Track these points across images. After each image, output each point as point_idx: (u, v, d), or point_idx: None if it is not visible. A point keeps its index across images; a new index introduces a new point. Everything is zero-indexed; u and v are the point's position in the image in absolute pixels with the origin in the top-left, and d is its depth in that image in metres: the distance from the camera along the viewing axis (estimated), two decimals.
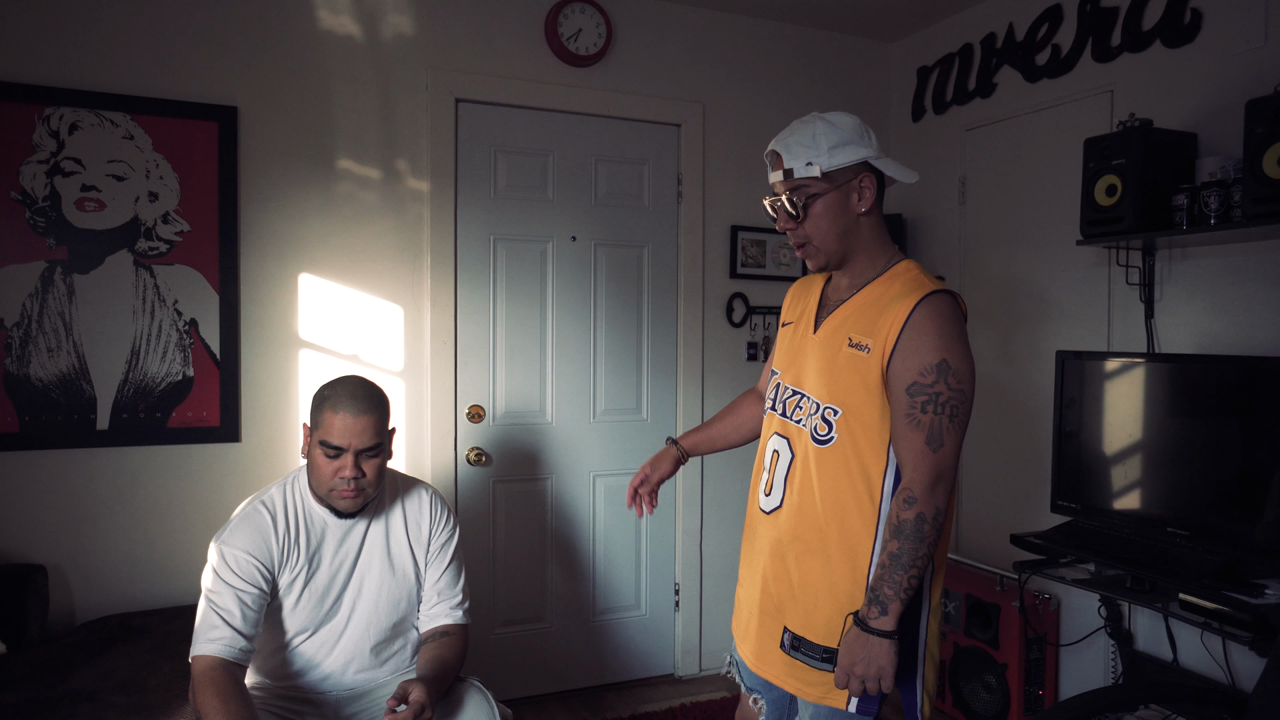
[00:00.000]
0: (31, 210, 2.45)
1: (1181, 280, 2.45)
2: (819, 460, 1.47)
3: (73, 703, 1.90)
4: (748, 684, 1.68)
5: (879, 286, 1.48)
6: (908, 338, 1.38)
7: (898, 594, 1.35)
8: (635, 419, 3.19)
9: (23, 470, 2.46)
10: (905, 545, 1.35)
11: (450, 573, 1.91)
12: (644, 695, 3.12)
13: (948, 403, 1.37)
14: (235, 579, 1.67)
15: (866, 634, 1.37)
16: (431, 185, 2.86)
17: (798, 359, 1.56)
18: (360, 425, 1.69)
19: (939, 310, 1.39)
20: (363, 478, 1.71)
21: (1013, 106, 3.01)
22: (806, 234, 1.48)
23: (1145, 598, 2.14)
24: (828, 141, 1.43)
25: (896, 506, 1.38)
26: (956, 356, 1.38)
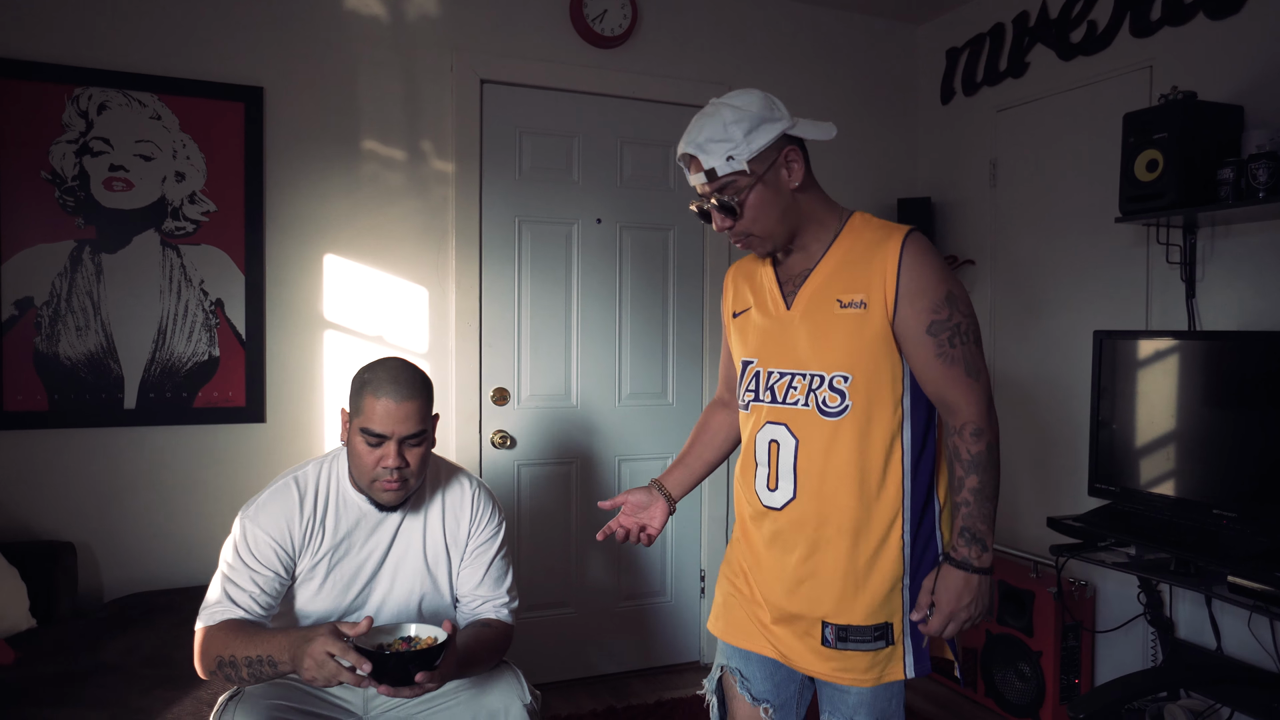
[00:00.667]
0: (61, 190, 2.46)
1: (1224, 258, 2.39)
2: (833, 434, 1.40)
3: (101, 675, 1.89)
4: (756, 694, 1.55)
5: (844, 243, 1.43)
6: (908, 280, 1.35)
7: (990, 527, 1.35)
8: (661, 403, 3.16)
9: (51, 448, 2.46)
10: (986, 477, 1.34)
11: (494, 573, 1.79)
12: (669, 682, 3.08)
13: (969, 330, 1.36)
14: (253, 560, 1.62)
15: (973, 574, 1.34)
16: (456, 167, 2.84)
17: (774, 341, 1.48)
18: (404, 412, 1.59)
19: (924, 245, 1.38)
20: (406, 467, 1.61)
21: (1046, 86, 2.95)
22: (747, 228, 1.41)
23: (1191, 581, 2.08)
24: (741, 129, 1.35)
25: (963, 442, 1.35)
26: (956, 284, 1.38)
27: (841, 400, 1.39)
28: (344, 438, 1.68)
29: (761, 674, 1.55)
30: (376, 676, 1.40)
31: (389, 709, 1.75)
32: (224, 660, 1.52)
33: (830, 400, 1.40)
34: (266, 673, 1.49)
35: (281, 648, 1.47)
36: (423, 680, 1.41)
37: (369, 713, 1.77)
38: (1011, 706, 2.75)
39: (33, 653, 2.01)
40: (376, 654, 1.40)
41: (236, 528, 1.66)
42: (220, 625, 1.56)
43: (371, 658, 1.39)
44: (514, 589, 1.85)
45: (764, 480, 1.48)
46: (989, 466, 1.35)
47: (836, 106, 3.39)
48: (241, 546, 1.63)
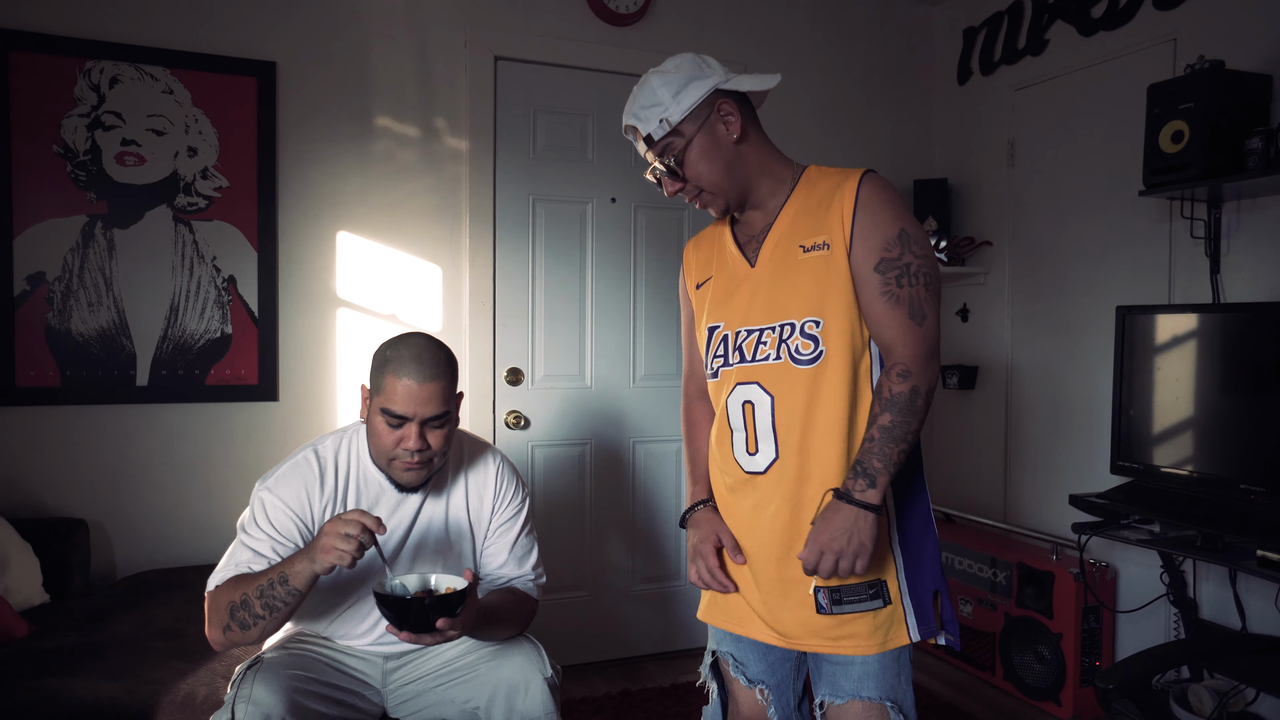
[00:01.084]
0: (73, 164, 2.44)
1: (1250, 232, 2.35)
2: (810, 384, 1.35)
3: (115, 647, 1.87)
4: (750, 677, 1.51)
5: (801, 193, 1.41)
6: (863, 217, 1.33)
7: (887, 467, 1.28)
8: (675, 384, 3.13)
9: (63, 425, 2.44)
10: (898, 418, 1.29)
11: (518, 551, 1.76)
12: (684, 666, 3.06)
13: (919, 271, 1.32)
14: (271, 529, 1.59)
15: (851, 506, 1.27)
16: (470, 144, 2.82)
17: (739, 300, 1.44)
18: (426, 393, 1.53)
19: (882, 184, 1.36)
20: (427, 449, 1.56)
21: (1066, 63, 2.91)
22: (694, 185, 1.41)
23: (1218, 557, 2.04)
24: (669, 91, 1.37)
25: (887, 380, 1.31)
26: (912, 225, 1.35)
27: (815, 346, 1.35)
28: (364, 414, 1.64)
29: (755, 656, 1.51)
30: (398, 624, 1.39)
31: (408, 681, 1.73)
32: (235, 604, 1.48)
33: (803, 348, 1.36)
34: (279, 595, 1.46)
35: (291, 561, 1.46)
36: (444, 626, 1.40)
37: (387, 685, 1.74)
38: (1031, 689, 2.72)
39: (47, 626, 1.99)
40: (398, 600, 1.39)
41: (254, 499, 1.62)
42: (227, 581, 1.54)
43: (393, 605, 1.38)
44: (540, 565, 1.81)
45: (742, 445, 1.42)
46: (906, 410, 1.29)
47: (852, 87, 3.36)
48: (260, 516, 1.60)
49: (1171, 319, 2.31)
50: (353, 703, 1.67)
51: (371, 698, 1.72)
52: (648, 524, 3.13)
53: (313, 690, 1.58)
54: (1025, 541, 2.90)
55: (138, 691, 1.69)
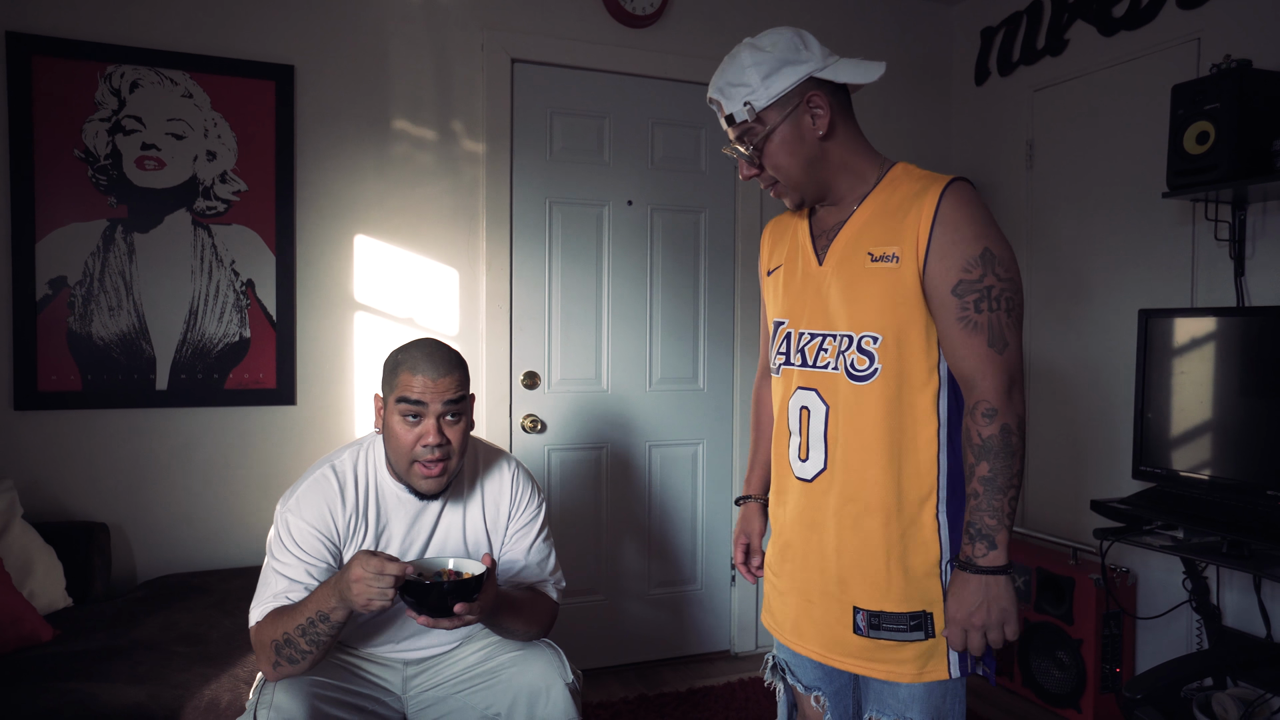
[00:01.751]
0: (94, 168, 2.45)
1: (1276, 234, 2.32)
2: (862, 400, 1.29)
3: (138, 651, 1.88)
4: (806, 684, 1.48)
5: (881, 195, 1.32)
6: (941, 233, 1.23)
7: (1001, 521, 1.20)
8: (692, 388, 3.13)
9: (85, 429, 2.46)
10: (997, 464, 1.21)
11: (535, 556, 1.76)
12: (700, 671, 3.05)
13: (1000, 295, 1.22)
14: (300, 551, 1.57)
15: (978, 575, 1.20)
16: (487, 147, 2.82)
17: (805, 299, 1.38)
18: (441, 385, 1.55)
19: (967, 197, 1.25)
20: (446, 444, 1.56)
21: (1086, 63, 2.89)
22: (771, 175, 1.34)
23: (1244, 564, 2.02)
24: (759, 72, 1.27)
25: (974, 424, 1.23)
26: (998, 243, 1.24)
27: (870, 363, 1.29)
28: (378, 425, 1.64)
29: (810, 663, 1.48)
30: (417, 608, 1.40)
31: (429, 687, 1.73)
32: (279, 643, 1.48)
33: (859, 363, 1.30)
34: (322, 630, 1.46)
35: (325, 596, 1.45)
36: (461, 611, 1.41)
37: (408, 690, 1.75)
38: (1050, 696, 2.70)
39: (70, 630, 2.00)
40: (417, 584, 1.39)
41: (279, 521, 1.60)
42: (267, 616, 1.53)
43: (412, 589, 1.39)
44: (558, 570, 1.81)
45: (796, 450, 1.39)
46: (1001, 453, 1.21)
47: (869, 88, 3.31)
48: (288, 539, 1.58)
49: (1194, 322, 2.29)
50: (374, 709, 1.67)
51: (392, 704, 1.72)
52: (664, 528, 3.12)
53: (334, 696, 1.58)
54: (1044, 546, 2.88)
55: (162, 696, 1.70)
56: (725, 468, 3.18)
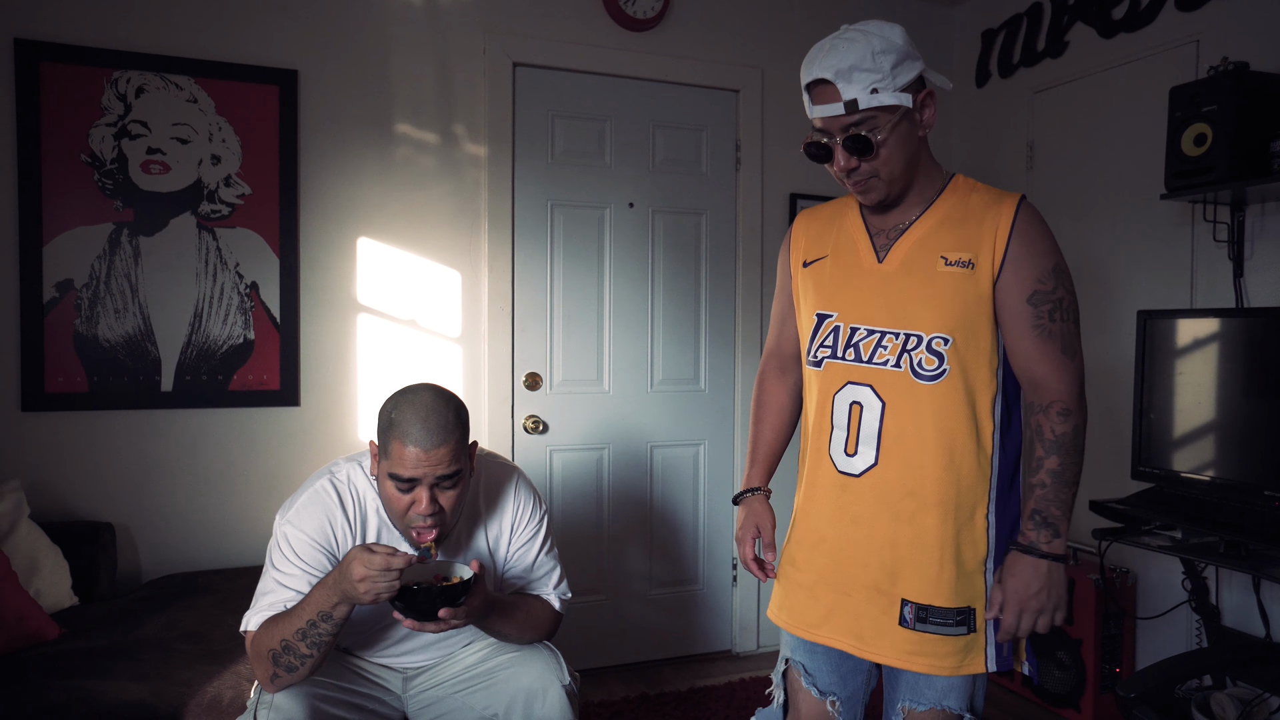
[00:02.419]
0: (100, 172, 2.48)
1: (1274, 235, 2.33)
2: (927, 399, 1.31)
3: (142, 650, 1.90)
4: (822, 688, 1.47)
5: (949, 200, 1.36)
6: (1018, 245, 1.29)
7: (1066, 513, 1.27)
8: (693, 389, 3.14)
9: (91, 430, 2.48)
10: (1068, 460, 1.28)
11: (539, 570, 1.75)
12: (701, 670, 3.06)
13: (1070, 308, 1.31)
14: (301, 562, 1.56)
15: (1042, 560, 1.25)
16: (489, 150, 2.84)
17: (860, 295, 1.38)
18: (434, 458, 1.47)
19: (1039, 215, 1.33)
20: (440, 511, 1.51)
21: (1086, 65, 2.89)
22: (877, 169, 1.31)
23: (1242, 564, 2.03)
24: (889, 60, 1.26)
25: (1049, 421, 1.29)
26: (1063, 259, 1.33)
27: (939, 364, 1.31)
28: (374, 471, 1.58)
29: (827, 666, 1.48)
30: (404, 611, 1.41)
31: (428, 688, 1.75)
32: (277, 651, 1.46)
33: (927, 363, 1.32)
34: (324, 630, 1.44)
35: (325, 597, 1.43)
36: (446, 616, 1.41)
37: (407, 690, 1.76)
38: (1050, 696, 2.70)
39: (76, 628, 2.02)
40: (404, 588, 1.40)
41: (278, 533, 1.59)
42: (263, 625, 1.51)
43: (399, 593, 1.40)
44: (564, 582, 1.80)
45: (841, 444, 1.39)
46: (1073, 450, 1.28)
47: None
48: (288, 550, 1.57)
49: (1193, 323, 2.29)
50: (374, 709, 1.68)
51: (392, 703, 1.73)
52: (666, 528, 3.13)
53: (334, 696, 1.60)
54: None
55: (165, 694, 1.72)
56: (727, 468, 3.19)
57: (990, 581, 1.34)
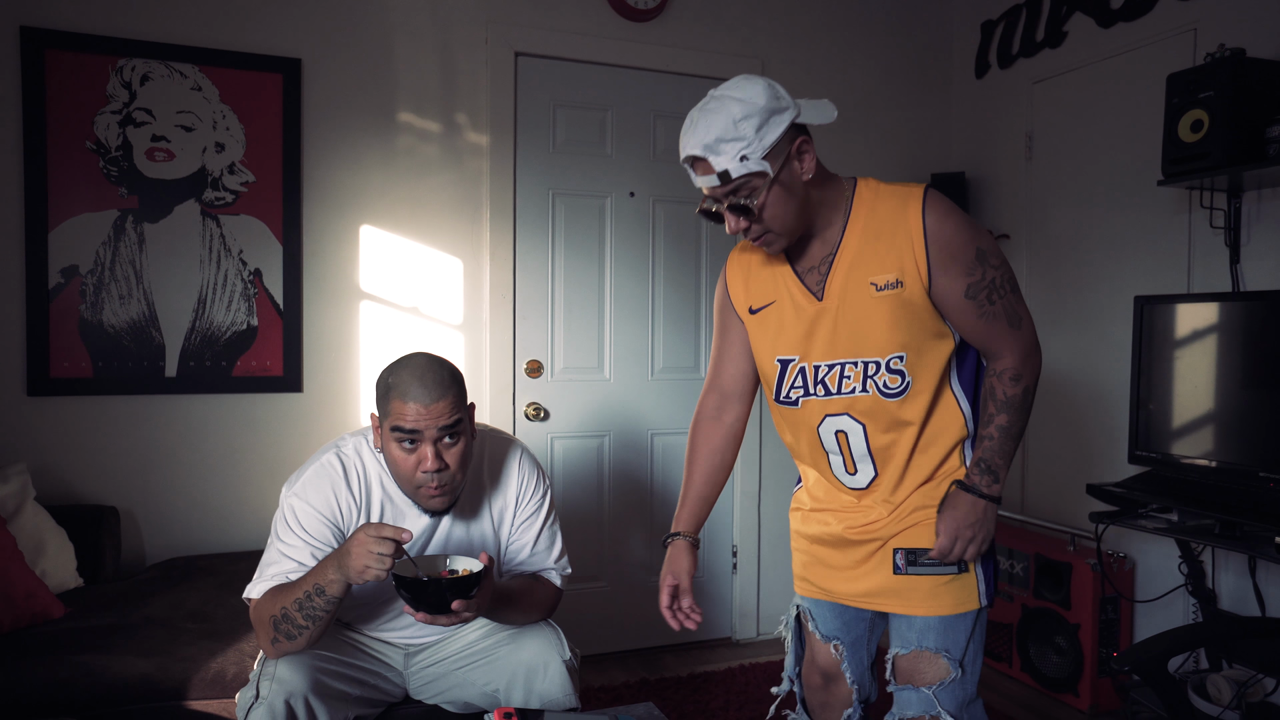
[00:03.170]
0: (105, 160, 2.50)
1: (1270, 221, 2.34)
2: (899, 411, 1.41)
3: (147, 627, 1.92)
4: (824, 632, 1.59)
5: (859, 219, 1.38)
6: (936, 251, 1.33)
7: (1007, 463, 1.40)
8: (693, 377, 3.16)
9: (95, 415, 2.50)
10: (1014, 417, 1.39)
11: (542, 544, 1.77)
12: (702, 657, 3.08)
13: (1003, 282, 1.37)
14: (306, 534, 1.58)
15: (979, 499, 1.39)
16: (491, 139, 2.86)
17: (814, 335, 1.42)
18: (435, 412, 1.50)
19: (943, 207, 1.36)
20: (445, 468, 1.53)
21: (1084, 55, 2.91)
22: (765, 228, 1.33)
23: (1236, 544, 2.04)
24: (751, 125, 1.25)
25: (1001, 384, 1.40)
26: (979, 235, 1.37)
27: (902, 380, 1.39)
28: (377, 443, 1.60)
29: (831, 614, 1.59)
30: (415, 605, 1.42)
31: (429, 663, 1.77)
32: (277, 618, 1.49)
33: (891, 382, 1.39)
34: (319, 605, 1.46)
35: (323, 570, 1.45)
36: (459, 608, 1.42)
37: (409, 667, 1.78)
38: (1048, 681, 2.72)
39: (81, 607, 2.05)
40: (415, 581, 1.41)
41: (284, 505, 1.61)
42: (266, 594, 1.54)
43: (410, 586, 1.40)
44: (564, 557, 1.82)
45: (841, 466, 1.49)
46: (1021, 409, 1.40)
47: (870, 81, 3.37)
48: (293, 522, 1.59)
49: (1189, 308, 2.31)
50: (375, 684, 1.70)
51: (394, 679, 1.75)
52: (666, 516, 3.15)
53: (336, 670, 1.61)
54: (1042, 533, 2.90)
55: (170, 669, 1.74)
56: None
57: None
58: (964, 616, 1.44)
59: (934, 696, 1.42)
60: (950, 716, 1.41)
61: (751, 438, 3.21)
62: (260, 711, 1.45)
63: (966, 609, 1.44)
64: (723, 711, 2.61)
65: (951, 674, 1.42)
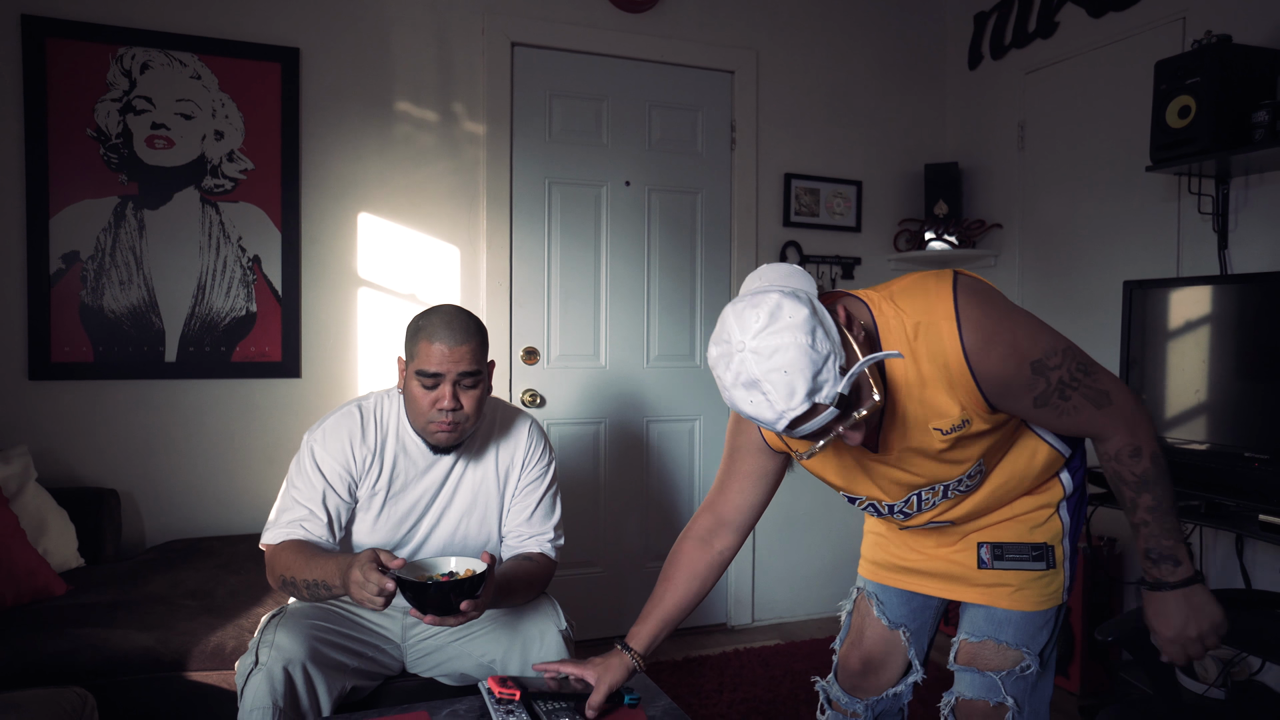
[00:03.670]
0: (105, 147, 2.53)
1: (1257, 207, 2.37)
2: (977, 490, 1.35)
3: (148, 604, 1.95)
4: (891, 618, 1.54)
5: (897, 367, 1.20)
6: (990, 386, 1.18)
7: (1178, 539, 1.23)
8: (688, 365, 3.19)
9: (96, 399, 2.53)
10: (1159, 490, 1.23)
11: (541, 511, 1.82)
12: (696, 642, 3.11)
13: (1070, 370, 1.21)
14: (319, 478, 1.66)
15: (1174, 592, 1.22)
16: (488, 128, 2.88)
17: (877, 482, 1.35)
18: (458, 355, 1.60)
19: (979, 323, 1.16)
20: (460, 409, 1.62)
21: (1076, 45, 2.94)
22: (866, 419, 1.12)
23: (1221, 523, 2.07)
24: (827, 345, 1.04)
25: (1121, 466, 1.24)
26: (1027, 337, 1.18)
27: (979, 478, 1.33)
28: (401, 384, 1.70)
29: (899, 600, 1.54)
30: (420, 607, 1.42)
31: (427, 635, 1.79)
32: (286, 580, 1.58)
33: (968, 481, 1.33)
34: (323, 595, 1.53)
35: (332, 573, 1.50)
36: (466, 608, 1.44)
37: (407, 639, 1.81)
38: None
39: (83, 585, 2.07)
40: (419, 584, 1.41)
41: (304, 449, 1.70)
42: (284, 545, 1.60)
43: (414, 589, 1.41)
44: (560, 527, 1.86)
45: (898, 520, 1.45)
46: (1159, 480, 1.23)
47: (864, 73, 3.40)
48: (308, 464, 1.67)
49: (1177, 293, 2.34)
50: (373, 655, 1.73)
51: (391, 651, 1.78)
52: (661, 502, 3.18)
53: (334, 641, 1.64)
54: None
55: (170, 642, 1.77)
56: (722, 445, 3.23)
57: (1066, 520, 1.39)
58: (1045, 613, 1.37)
59: (999, 682, 1.35)
60: (1013, 703, 1.34)
61: None
62: (259, 677, 1.48)
63: (1050, 605, 1.37)
64: (716, 694, 2.63)
65: (1025, 663, 1.36)
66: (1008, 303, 1.23)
